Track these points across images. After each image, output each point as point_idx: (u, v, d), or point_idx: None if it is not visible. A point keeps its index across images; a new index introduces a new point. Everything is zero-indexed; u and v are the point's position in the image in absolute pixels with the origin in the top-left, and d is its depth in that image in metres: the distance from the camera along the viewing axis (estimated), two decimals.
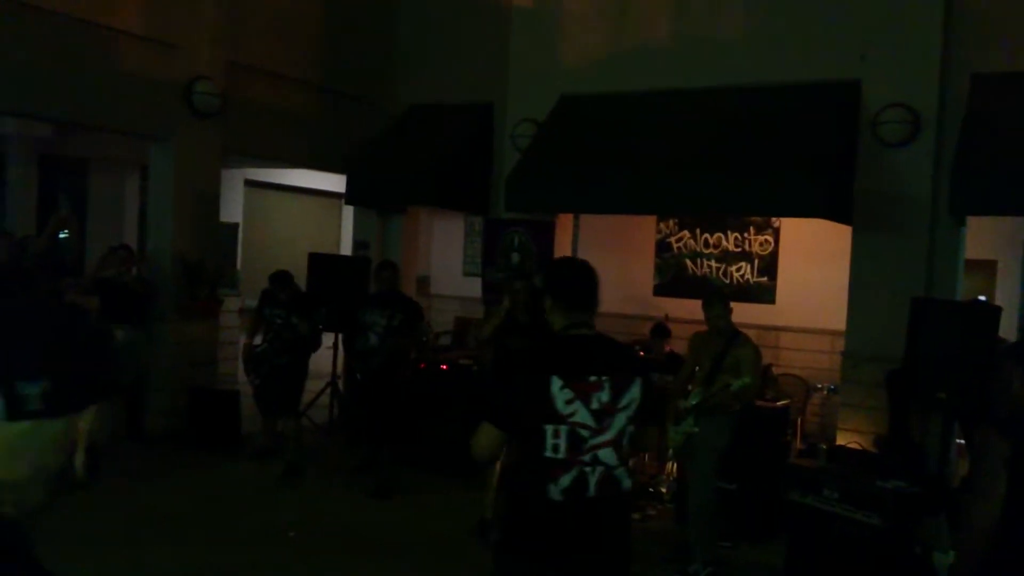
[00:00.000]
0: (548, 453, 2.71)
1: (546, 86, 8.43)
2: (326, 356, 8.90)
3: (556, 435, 2.71)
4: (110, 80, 7.46)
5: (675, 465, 6.75)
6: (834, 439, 6.88)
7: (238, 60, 8.46)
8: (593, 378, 2.76)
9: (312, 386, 8.96)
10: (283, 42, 8.96)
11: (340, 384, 8.81)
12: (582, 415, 2.72)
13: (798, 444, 7.21)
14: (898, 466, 5.13)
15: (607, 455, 2.75)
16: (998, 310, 5.77)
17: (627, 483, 2.84)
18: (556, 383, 2.72)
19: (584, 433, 2.72)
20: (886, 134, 6.79)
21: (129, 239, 9.74)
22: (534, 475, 2.73)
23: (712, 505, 5.46)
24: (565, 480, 2.71)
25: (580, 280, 2.97)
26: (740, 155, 7.04)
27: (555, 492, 2.71)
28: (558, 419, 2.71)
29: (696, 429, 5.41)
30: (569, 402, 2.72)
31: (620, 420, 2.78)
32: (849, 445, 6.03)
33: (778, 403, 6.85)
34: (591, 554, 2.79)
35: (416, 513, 6.48)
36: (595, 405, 2.74)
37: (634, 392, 2.82)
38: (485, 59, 9.12)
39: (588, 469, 2.73)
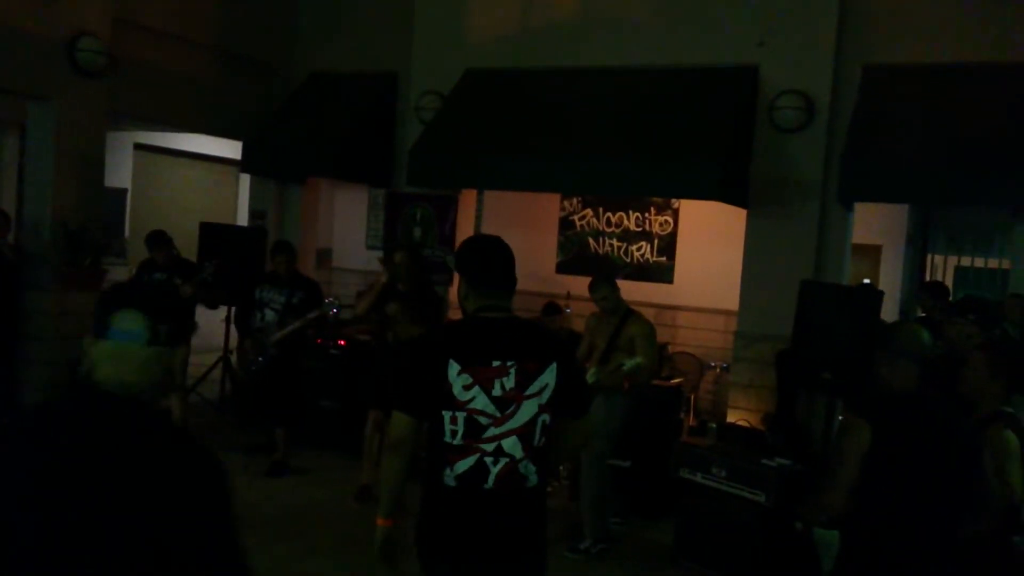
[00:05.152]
0: (447, 439, 2.61)
1: (452, 58, 8.30)
2: (219, 329, 8.63)
3: (453, 421, 2.60)
4: None
5: None
6: (725, 417, 7.06)
7: (127, 17, 8.02)
8: (496, 363, 2.61)
9: (204, 360, 8.69)
10: (176, 0, 8.54)
11: (233, 359, 8.54)
12: (481, 402, 2.60)
13: (691, 421, 7.37)
14: (783, 444, 5.29)
15: (512, 445, 2.61)
16: (881, 294, 6.00)
17: (533, 480, 2.67)
18: (453, 368, 2.60)
19: (483, 420, 2.60)
20: (781, 120, 6.94)
21: (7, 204, 9.18)
22: (433, 460, 2.65)
23: (604, 484, 5.52)
24: (461, 466, 2.61)
25: (493, 260, 2.78)
26: (641, 136, 7.09)
27: (449, 478, 2.62)
28: (454, 405, 2.60)
29: None
30: (467, 388, 2.60)
31: (529, 408, 2.62)
32: (739, 423, 6.19)
33: (672, 381, 6.99)
34: (490, 551, 2.66)
35: (311, 490, 6.36)
36: (497, 391, 2.61)
37: (547, 378, 2.65)
38: (390, 27, 8.90)
39: (489, 459, 2.60)
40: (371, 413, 6.18)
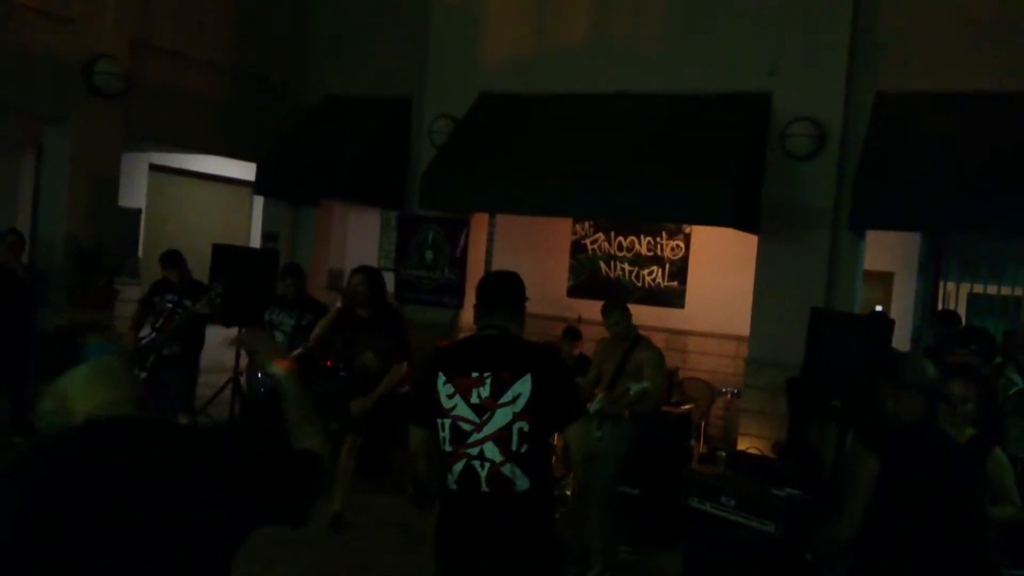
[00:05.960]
0: (443, 446, 2.89)
1: (465, 82, 8.36)
2: (229, 350, 8.62)
3: (443, 428, 2.87)
4: (2, 54, 7.05)
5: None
6: (735, 444, 7.01)
7: (144, 39, 8.12)
8: (475, 374, 2.85)
9: (213, 380, 8.69)
10: (193, 22, 8.65)
11: (243, 381, 8.54)
12: (461, 409, 2.84)
13: (701, 448, 7.31)
14: (793, 474, 5.23)
15: (491, 450, 2.80)
16: (892, 322, 5.96)
17: (521, 484, 2.79)
18: (441, 379, 2.90)
19: (465, 427, 2.83)
20: (793, 147, 6.94)
21: (22, 224, 9.26)
22: (441, 467, 2.90)
23: (613, 511, 5.48)
24: (456, 469, 2.85)
25: (486, 287, 3.15)
26: (653, 162, 7.11)
27: (451, 481, 2.87)
28: (442, 413, 2.87)
29: (599, 434, 5.43)
30: (450, 396, 2.87)
31: (503, 415, 2.79)
32: (749, 451, 6.14)
33: (682, 407, 6.94)
34: (483, 550, 2.85)
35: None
36: (474, 399, 2.83)
37: (520, 388, 2.80)
38: (404, 52, 8.99)
39: (476, 463, 2.81)
40: (347, 438, 5.92)
